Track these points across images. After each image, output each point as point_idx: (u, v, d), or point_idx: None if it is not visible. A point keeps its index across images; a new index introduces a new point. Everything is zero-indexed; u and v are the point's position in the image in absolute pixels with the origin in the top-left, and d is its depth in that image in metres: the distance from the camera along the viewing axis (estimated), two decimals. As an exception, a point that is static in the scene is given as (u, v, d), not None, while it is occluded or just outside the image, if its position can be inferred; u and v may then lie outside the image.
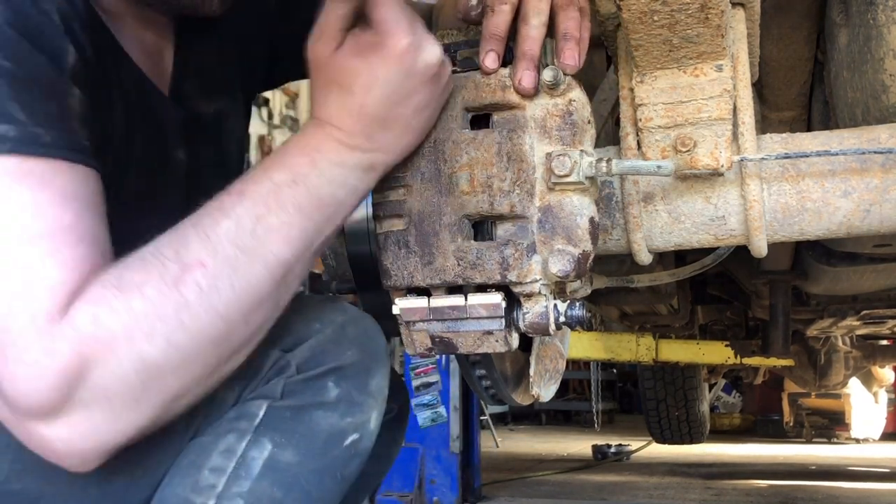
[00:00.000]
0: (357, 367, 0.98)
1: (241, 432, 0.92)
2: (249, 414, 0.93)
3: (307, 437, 0.94)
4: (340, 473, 0.97)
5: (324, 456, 0.95)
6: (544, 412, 9.90)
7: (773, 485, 4.34)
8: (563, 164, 0.88)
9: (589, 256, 0.90)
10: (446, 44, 0.95)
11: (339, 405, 0.96)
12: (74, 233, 0.77)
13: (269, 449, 0.92)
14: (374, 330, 1.04)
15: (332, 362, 0.96)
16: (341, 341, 0.98)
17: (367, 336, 1.02)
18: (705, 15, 0.85)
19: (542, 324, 0.91)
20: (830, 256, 1.99)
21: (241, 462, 0.91)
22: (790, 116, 1.63)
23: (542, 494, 3.90)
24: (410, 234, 0.93)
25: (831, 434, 7.43)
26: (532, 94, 0.90)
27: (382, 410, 1.02)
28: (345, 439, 0.96)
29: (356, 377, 0.98)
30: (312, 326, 0.98)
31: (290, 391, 0.95)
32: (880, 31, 1.06)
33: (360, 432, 0.98)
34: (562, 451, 6.33)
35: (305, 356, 0.96)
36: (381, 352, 1.02)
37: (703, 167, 0.96)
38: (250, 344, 0.86)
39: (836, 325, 3.49)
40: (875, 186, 0.98)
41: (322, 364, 0.96)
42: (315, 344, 0.97)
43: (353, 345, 0.99)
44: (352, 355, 0.98)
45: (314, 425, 0.95)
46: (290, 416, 0.94)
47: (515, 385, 1.16)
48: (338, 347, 0.98)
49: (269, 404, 0.94)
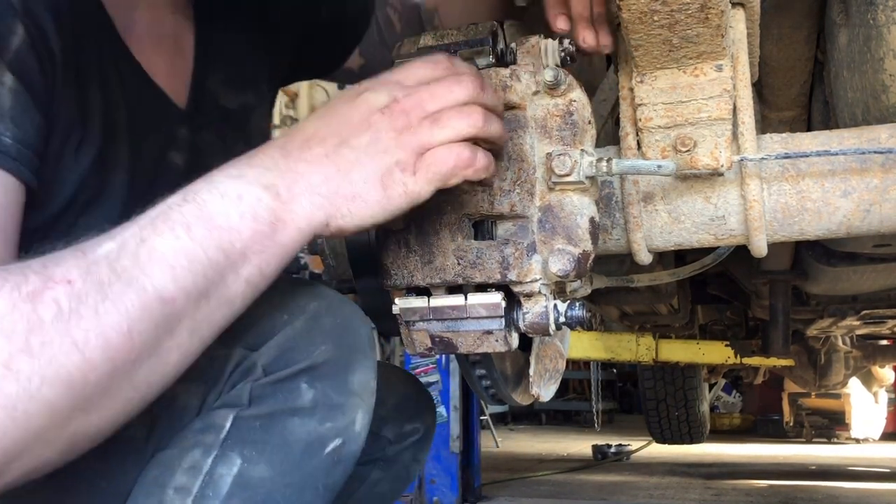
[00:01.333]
0: (334, 364, 0.87)
1: (207, 447, 0.83)
2: (215, 426, 0.84)
3: (281, 447, 0.84)
4: (322, 484, 0.87)
5: (301, 467, 0.85)
6: (544, 412, 9.90)
7: (773, 485, 4.34)
8: (563, 163, 0.88)
9: (589, 256, 0.90)
10: (446, 44, 0.95)
11: (315, 409, 0.85)
12: None
13: (238, 464, 0.83)
14: (354, 317, 0.92)
15: (304, 360, 0.85)
16: (314, 334, 0.87)
17: (345, 326, 0.90)
18: (705, 15, 0.85)
19: (542, 324, 0.91)
20: (830, 256, 1.99)
21: (207, 480, 0.82)
22: (790, 116, 1.63)
23: (542, 494, 3.90)
24: (410, 233, 0.93)
25: (831, 434, 7.43)
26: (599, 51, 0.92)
27: (370, 407, 0.92)
28: (325, 447, 0.86)
29: (333, 375, 0.87)
30: (279, 318, 0.87)
31: (258, 396, 0.84)
32: (880, 31, 1.06)
33: (343, 437, 0.88)
34: (562, 451, 6.33)
35: (273, 355, 0.85)
36: (362, 342, 0.91)
37: (703, 167, 0.96)
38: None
39: (836, 325, 3.49)
40: (875, 186, 0.98)
41: (293, 363, 0.85)
42: (283, 340, 0.86)
43: (329, 337, 0.87)
44: (327, 350, 0.86)
45: (288, 434, 0.85)
46: (261, 426, 0.84)
47: (515, 385, 1.16)
48: (310, 342, 0.86)
49: (237, 414, 0.84)
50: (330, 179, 0.78)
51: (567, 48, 0.92)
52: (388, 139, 0.79)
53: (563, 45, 0.92)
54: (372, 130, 0.80)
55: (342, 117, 0.81)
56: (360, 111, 0.81)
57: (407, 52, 0.98)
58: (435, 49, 0.96)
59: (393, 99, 0.81)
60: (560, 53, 0.92)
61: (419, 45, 0.97)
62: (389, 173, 0.79)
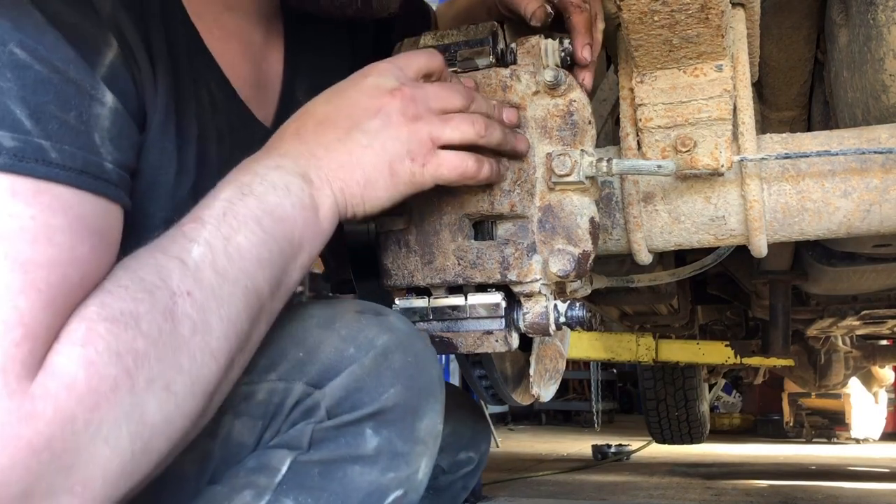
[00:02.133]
0: (403, 410, 0.81)
1: (261, 489, 0.78)
2: (270, 467, 0.79)
3: (339, 496, 0.79)
4: None
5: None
6: (544, 412, 9.90)
7: (773, 485, 4.34)
8: (563, 163, 0.88)
9: (589, 256, 0.90)
10: (447, 44, 0.95)
11: (379, 458, 0.80)
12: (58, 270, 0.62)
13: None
14: (426, 354, 0.85)
15: (372, 404, 0.79)
16: (382, 374, 0.80)
17: (418, 365, 0.83)
18: (705, 15, 0.85)
19: (542, 324, 0.91)
20: (830, 256, 1.99)
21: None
22: (790, 116, 1.63)
23: (542, 494, 3.90)
24: (411, 233, 0.93)
25: (831, 434, 7.43)
26: None
27: (434, 454, 0.86)
28: (386, 498, 0.81)
29: (401, 422, 0.81)
30: (346, 352, 0.80)
31: (319, 440, 0.79)
32: (880, 31, 1.06)
33: (405, 487, 0.82)
34: (562, 451, 6.33)
35: (338, 396, 0.79)
36: (433, 384, 0.84)
37: (703, 167, 0.96)
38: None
39: (836, 325, 3.49)
40: (875, 186, 0.98)
41: (359, 407, 0.79)
42: (350, 379, 0.79)
43: (399, 378, 0.81)
44: (396, 394, 0.80)
45: (348, 483, 0.79)
46: (319, 473, 0.79)
47: (515, 385, 1.16)
48: (379, 383, 0.80)
49: (294, 458, 0.79)
50: (344, 166, 0.78)
51: (567, 48, 0.93)
52: (399, 125, 0.80)
53: (563, 45, 0.92)
54: (383, 114, 0.80)
55: (351, 100, 0.81)
56: (368, 94, 0.81)
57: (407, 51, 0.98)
58: (435, 49, 0.96)
59: (400, 84, 0.81)
60: (560, 53, 0.92)
61: (419, 46, 0.97)
62: (400, 160, 0.80)
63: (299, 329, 0.82)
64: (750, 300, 3.26)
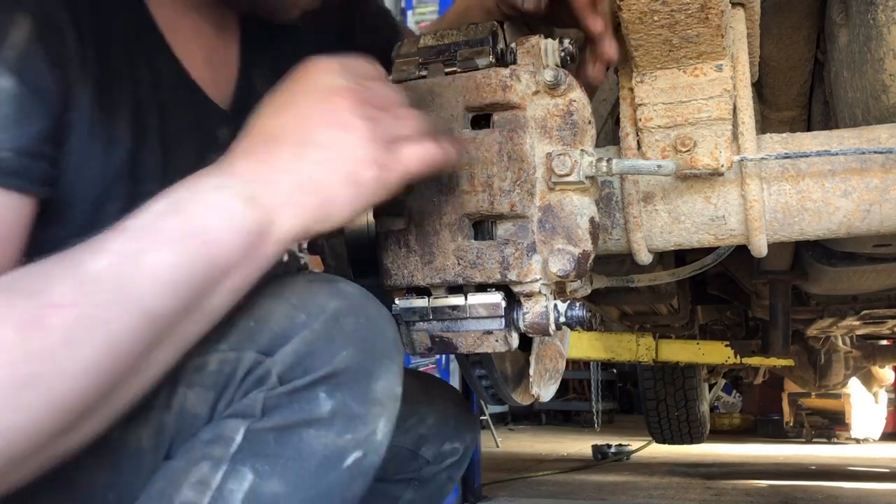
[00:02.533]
0: (356, 372, 0.81)
1: (217, 460, 0.78)
2: (225, 438, 0.79)
3: (296, 461, 0.79)
4: (341, 499, 0.82)
5: (318, 482, 0.80)
6: (544, 412, 9.90)
7: (773, 485, 4.34)
8: (563, 163, 0.88)
9: (589, 256, 0.90)
10: (447, 44, 0.95)
11: (334, 420, 0.80)
12: None
13: (249, 479, 0.78)
14: (379, 316, 0.85)
15: (323, 368, 0.79)
16: (334, 338, 0.80)
17: (370, 327, 0.83)
18: (705, 15, 0.85)
19: (542, 324, 0.91)
20: (830, 256, 1.99)
21: (217, 496, 0.77)
22: (790, 116, 1.63)
23: (542, 494, 3.90)
24: (411, 233, 0.93)
25: (831, 434, 7.43)
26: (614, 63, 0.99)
27: (394, 415, 0.86)
28: (344, 459, 0.81)
29: (355, 384, 0.81)
30: (296, 319, 0.80)
31: (272, 407, 0.79)
32: (880, 31, 1.06)
33: (364, 448, 0.82)
34: (562, 451, 6.33)
35: (289, 362, 0.79)
36: (387, 346, 0.85)
37: (703, 167, 0.96)
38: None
39: (836, 325, 3.49)
40: (875, 186, 0.98)
41: (310, 371, 0.79)
42: (301, 345, 0.79)
43: (351, 341, 0.81)
44: (348, 356, 0.80)
45: (304, 447, 0.79)
46: (275, 439, 0.79)
47: (515, 385, 1.16)
48: (330, 347, 0.80)
49: (248, 426, 0.79)
50: (300, 186, 0.75)
51: (567, 48, 0.92)
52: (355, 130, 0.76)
53: (563, 45, 0.92)
54: (337, 122, 0.76)
55: (300, 109, 0.77)
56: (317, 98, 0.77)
57: (407, 51, 0.98)
58: (435, 49, 0.96)
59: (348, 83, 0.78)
60: (560, 53, 0.92)
61: (419, 45, 0.97)
62: (363, 168, 0.76)
63: (249, 299, 0.81)
64: (750, 300, 3.26)
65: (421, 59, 0.96)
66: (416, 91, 0.93)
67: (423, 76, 0.95)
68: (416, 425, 1.24)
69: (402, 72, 0.96)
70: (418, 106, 0.92)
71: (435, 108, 0.92)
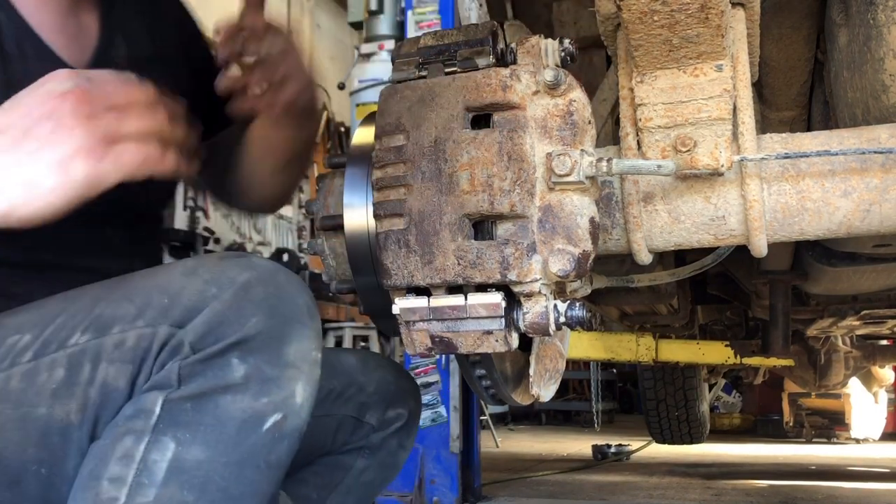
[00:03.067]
0: (267, 336, 0.84)
1: (139, 433, 0.82)
2: (145, 411, 0.82)
3: (215, 427, 0.82)
4: (265, 461, 0.85)
5: (239, 446, 0.83)
6: (544, 412, 9.90)
7: (773, 485, 4.34)
8: (563, 163, 0.88)
9: (589, 256, 0.90)
10: (446, 44, 0.95)
11: (249, 385, 0.83)
12: None
13: (172, 449, 0.81)
14: (289, 285, 0.89)
15: (235, 334, 0.83)
16: (243, 306, 0.84)
17: (279, 295, 0.87)
18: (705, 15, 0.85)
19: (542, 324, 0.91)
20: (830, 256, 1.99)
21: (142, 468, 0.81)
22: (790, 116, 1.63)
23: (542, 494, 3.90)
24: (411, 233, 0.93)
25: (831, 434, 7.43)
26: None
27: (313, 378, 0.89)
28: (263, 423, 0.84)
29: (266, 348, 0.84)
30: (208, 292, 0.84)
31: (187, 376, 0.83)
32: (880, 31, 1.06)
33: (283, 411, 0.86)
34: (562, 451, 6.33)
35: (200, 332, 0.83)
36: (298, 311, 0.88)
37: (703, 167, 0.96)
38: None
39: (836, 325, 3.49)
40: (875, 186, 0.98)
41: (222, 338, 0.83)
42: (211, 315, 0.83)
43: (260, 309, 0.84)
44: (258, 322, 0.84)
45: (222, 413, 0.83)
46: (192, 407, 0.82)
47: (515, 385, 1.16)
48: (240, 315, 0.84)
49: (166, 396, 0.82)
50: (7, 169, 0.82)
51: (567, 48, 0.93)
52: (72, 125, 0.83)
53: (563, 45, 0.92)
54: (55, 117, 0.83)
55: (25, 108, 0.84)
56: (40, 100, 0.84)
57: (407, 51, 0.98)
58: (435, 49, 0.96)
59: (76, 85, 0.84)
60: (560, 53, 0.92)
61: (419, 45, 0.97)
62: (72, 159, 0.82)
63: (164, 278, 0.87)
64: (750, 300, 3.26)
65: (421, 59, 0.96)
66: (416, 91, 0.93)
67: (422, 76, 0.95)
68: (356, 394, 1.29)
69: (402, 72, 0.96)
70: (418, 106, 0.92)
71: (435, 108, 0.92)
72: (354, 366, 1.32)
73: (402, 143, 0.93)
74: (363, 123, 1.10)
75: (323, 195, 1.13)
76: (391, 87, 0.96)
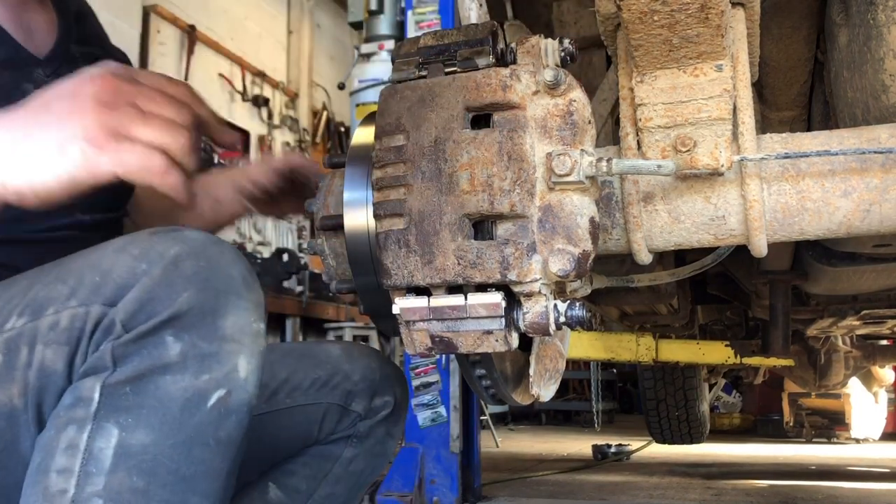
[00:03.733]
0: (200, 311, 0.82)
1: (81, 422, 0.80)
2: (84, 399, 0.81)
3: (158, 409, 0.81)
4: (213, 438, 0.83)
5: (184, 425, 0.81)
6: (544, 412, 9.90)
7: (773, 485, 4.34)
8: (563, 163, 0.88)
9: (589, 256, 0.90)
10: (446, 43, 0.95)
11: (187, 362, 0.81)
12: None
13: (116, 434, 0.80)
14: (222, 257, 0.86)
15: (166, 311, 0.81)
16: (174, 281, 0.82)
17: (211, 268, 0.84)
18: (705, 15, 0.85)
19: (542, 324, 0.91)
20: (830, 256, 1.99)
21: (87, 457, 0.79)
22: (790, 116, 1.63)
23: (542, 494, 3.90)
24: (411, 233, 0.93)
25: (831, 434, 7.43)
26: None
27: (256, 351, 0.87)
28: (207, 400, 0.82)
29: (200, 323, 0.82)
30: (138, 268, 0.82)
31: (121, 357, 0.81)
32: (880, 31, 1.06)
33: (227, 386, 0.84)
34: (562, 451, 6.33)
35: (131, 309, 0.80)
36: (233, 284, 0.86)
37: (703, 167, 0.96)
38: None
39: (836, 325, 3.49)
40: (875, 186, 0.98)
41: (153, 315, 0.81)
42: (141, 292, 0.80)
43: (191, 283, 0.82)
44: (189, 297, 0.82)
45: (163, 394, 0.81)
46: (131, 391, 0.80)
47: (515, 385, 1.16)
48: (170, 290, 0.81)
49: (104, 381, 0.80)
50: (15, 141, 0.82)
51: (567, 48, 0.93)
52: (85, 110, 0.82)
53: (563, 45, 0.92)
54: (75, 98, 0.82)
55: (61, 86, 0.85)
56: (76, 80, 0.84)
57: (407, 51, 0.98)
58: (435, 49, 0.96)
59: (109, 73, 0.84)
60: (560, 53, 0.92)
61: (419, 45, 0.97)
62: (71, 141, 0.81)
63: (96, 256, 0.85)
64: (750, 300, 3.26)
65: (421, 59, 0.96)
66: (416, 91, 0.93)
67: (422, 76, 0.95)
68: (341, 382, 1.30)
69: (402, 72, 0.96)
70: (418, 106, 0.92)
71: (435, 108, 0.92)
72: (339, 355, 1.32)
73: (402, 143, 0.93)
74: (363, 123, 1.10)
75: (323, 195, 1.13)
76: (391, 87, 0.96)
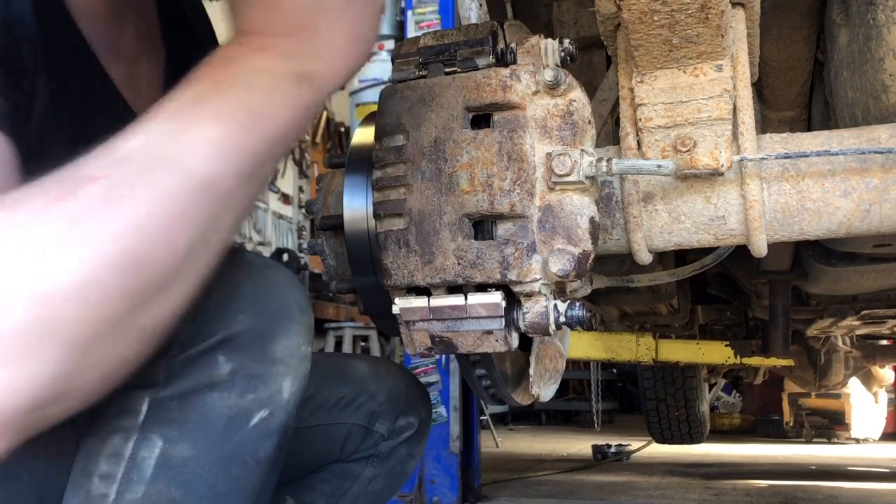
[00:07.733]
0: (253, 334, 0.85)
1: (127, 431, 0.83)
2: (132, 410, 0.83)
3: (202, 425, 0.83)
4: (252, 458, 0.86)
5: (226, 442, 0.84)
6: (544, 412, 9.90)
7: (773, 485, 4.34)
8: (563, 163, 0.88)
9: (589, 256, 0.90)
10: (446, 43, 0.95)
11: (235, 382, 0.84)
12: None
13: (160, 446, 0.82)
14: (277, 281, 0.89)
15: (221, 332, 0.83)
16: (231, 304, 0.84)
17: (267, 292, 0.87)
18: (705, 15, 0.85)
19: (542, 323, 0.91)
20: (830, 256, 1.99)
21: (130, 465, 0.82)
22: (790, 116, 1.63)
23: (542, 494, 3.90)
24: (411, 233, 0.93)
25: (831, 434, 7.43)
26: None
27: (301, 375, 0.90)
28: (250, 419, 0.85)
29: (253, 345, 0.85)
30: None
31: (173, 374, 0.83)
32: (880, 31, 1.06)
33: (270, 407, 0.86)
34: (562, 451, 6.33)
35: (189, 331, 0.82)
36: (286, 308, 0.88)
37: (703, 167, 0.96)
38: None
39: (836, 325, 3.49)
40: (875, 186, 0.98)
41: (209, 336, 0.83)
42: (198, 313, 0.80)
43: (247, 306, 0.85)
44: (244, 320, 0.84)
45: (209, 410, 0.83)
46: (178, 406, 0.83)
47: (515, 385, 1.16)
48: (227, 313, 0.84)
49: (152, 396, 0.83)
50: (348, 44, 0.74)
51: (567, 48, 0.93)
52: None
53: (563, 45, 0.92)
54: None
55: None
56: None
57: (407, 51, 0.98)
58: (435, 49, 0.96)
59: None
60: (560, 53, 0.92)
61: (419, 45, 0.97)
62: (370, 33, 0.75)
63: None
64: (750, 300, 3.26)
65: (421, 59, 0.96)
66: (416, 91, 0.93)
67: (422, 76, 0.95)
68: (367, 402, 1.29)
69: (402, 72, 0.96)
70: (418, 106, 0.93)
71: (435, 108, 0.92)
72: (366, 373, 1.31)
73: (402, 143, 0.93)
74: (363, 123, 1.10)
75: (323, 195, 1.13)
76: (391, 87, 0.96)
